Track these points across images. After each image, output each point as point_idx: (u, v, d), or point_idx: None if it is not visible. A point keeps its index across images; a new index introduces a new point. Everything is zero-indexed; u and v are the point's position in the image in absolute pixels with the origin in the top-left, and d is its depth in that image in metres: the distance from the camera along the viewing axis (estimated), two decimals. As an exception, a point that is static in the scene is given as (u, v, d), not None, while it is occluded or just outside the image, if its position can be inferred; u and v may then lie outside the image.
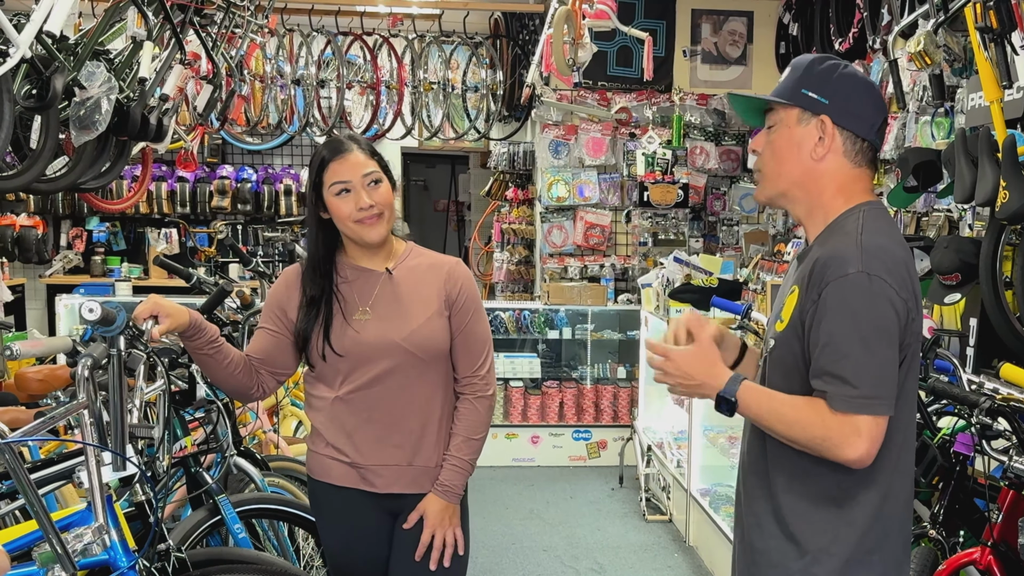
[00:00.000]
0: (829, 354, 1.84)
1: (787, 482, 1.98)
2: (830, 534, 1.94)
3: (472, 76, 8.16)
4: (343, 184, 2.53)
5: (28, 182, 3.56)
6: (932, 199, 4.55)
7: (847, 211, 1.97)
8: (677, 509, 5.82)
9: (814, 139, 1.96)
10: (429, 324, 2.58)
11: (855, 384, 1.81)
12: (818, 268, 1.88)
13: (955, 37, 3.85)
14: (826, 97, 1.95)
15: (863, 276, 1.82)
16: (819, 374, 1.86)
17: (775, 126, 2.02)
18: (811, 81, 1.97)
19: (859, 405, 1.82)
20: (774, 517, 2.00)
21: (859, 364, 1.82)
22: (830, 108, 1.95)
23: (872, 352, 1.82)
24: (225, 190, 8.87)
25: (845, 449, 1.83)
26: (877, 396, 1.82)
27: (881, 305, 1.82)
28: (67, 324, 7.07)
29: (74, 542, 2.05)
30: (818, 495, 1.94)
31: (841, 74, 1.97)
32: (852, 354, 1.82)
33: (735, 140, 7.64)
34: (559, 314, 7.56)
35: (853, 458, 1.83)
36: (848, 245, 1.87)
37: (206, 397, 3.22)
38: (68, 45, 3.67)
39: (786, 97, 1.99)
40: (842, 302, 1.83)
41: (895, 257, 1.87)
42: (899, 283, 1.84)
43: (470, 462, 2.64)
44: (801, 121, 1.98)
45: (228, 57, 5.86)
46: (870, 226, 1.91)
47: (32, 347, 2.67)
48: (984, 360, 3.60)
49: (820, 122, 1.96)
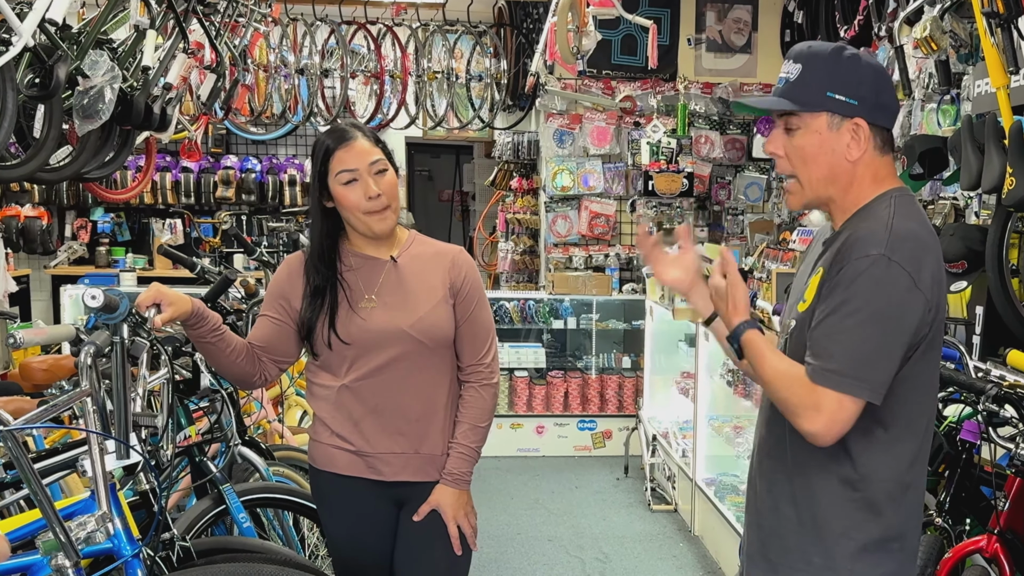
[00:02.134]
0: (824, 327, 1.84)
1: (806, 466, 1.96)
2: (849, 519, 1.93)
3: (476, 65, 8.13)
4: (350, 173, 2.52)
5: (32, 171, 3.56)
6: (938, 186, 4.53)
7: (878, 196, 1.94)
8: (682, 499, 5.81)
9: (847, 141, 1.90)
10: (435, 311, 2.58)
11: (834, 359, 1.81)
12: (845, 247, 1.86)
13: (961, 23, 3.83)
14: (855, 98, 1.88)
15: (883, 260, 1.80)
16: (811, 341, 1.86)
17: (800, 130, 1.93)
18: (835, 82, 1.88)
19: (827, 379, 1.80)
20: (792, 501, 1.99)
21: (846, 342, 1.80)
22: (861, 109, 1.89)
23: (865, 335, 1.80)
24: (229, 180, 8.86)
25: (802, 419, 1.83)
26: (854, 377, 1.80)
27: (891, 292, 1.80)
28: (72, 314, 7.07)
29: (77, 530, 2.05)
30: (839, 480, 1.93)
31: (865, 67, 1.90)
32: (843, 331, 1.81)
33: (740, 129, 7.61)
34: (564, 304, 7.55)
35: (808, 430, 1.83)
36: (878, 228, 1.85)
37: (210, 386, 3.21)
38: (71, 34, 3.66)
39: (812, 104, 1.90)
40: (855, 280, 1.81)
41: (924, 244, 1.84)
42: (920, 272, 1.81)
43: (476, 449, 2.65)
44: (831, 126, 1.90)
45: (232, 46, 5.86)
46: (902, 211, 1.88)
47: (35, 335, 2.66)
48: (991, 348, 3.59)
49: (855, 125, 1.89)
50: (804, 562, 1.97)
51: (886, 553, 1.94)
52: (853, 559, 1.93)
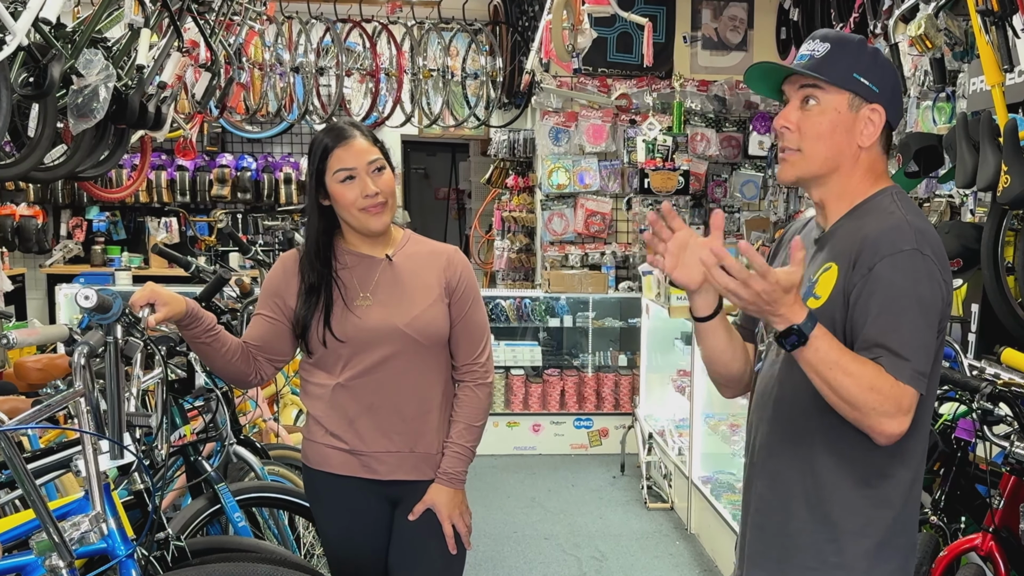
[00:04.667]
0: (881, 325, 1.81)
1: (818, 464, 1.94)
2: (864, 516, 1.92)
3: (472, 63, 8.12)
4: (348, 171, 2.52)
5: (26, 170, 3.55)
6: (933, 184, 4.53)
7: (878, 192, 1.96)
8: (678, 497, 5.82)
9: (863, 126, 1.93)
10: (431, 310, 2.59)
11: (907, 357, 1.78)
12: (869, 244, 1.85)
13: (956, 21, 3.82)
14: (877, 86, 1.92)
15: (917, 254, 1.82)
16: (868, 345, 1.81)
17: (818, 105, 1.93)
18: (861, 66, 1.92)
19: (910, 377, 1.78)
20: (805, 499, 1.96)
21: (910, 337, 1.80)
22: (881, 97, 1.92)
23: (919, 328, 1.81)
24: (225, 179, 8.84)
25: (890, 420, 1.77)
26: (923, 372, 1.80)
27: (931, 284, 1.82)
28: (67, 314, 7.06)
29: (71, 530, 2.04)
30: (856, 477, 1.92)
31: (884, 60, 1.96)
32: (903, 327, 1.80)
33: (736, 127, 7.61)
34: (560, 302, 7.55)
35: (895, 432, 1.78)
36: (899, 223, 1.86)
37: (205, 386, 3.21)
38: (65, 33, 3.65)
39: (839, 81, 1.92)
40: (896, 276, 1.81)
41: (937, 240, 1.88)
42: (944, 267, 1.85)
43: (471, 449, 2.65)
44: (852, 107, 1.92)
45: (226, 45, 5.85)
46: (911, 209, 1.91)
47: (28, 335, 2.65)
48: (986, 346, 3.60)
49: (873, 111, 1.92)
50: (818, 561, 1.95)
51: (896, 549, 1.94)
52: (868, 557, 1.92)
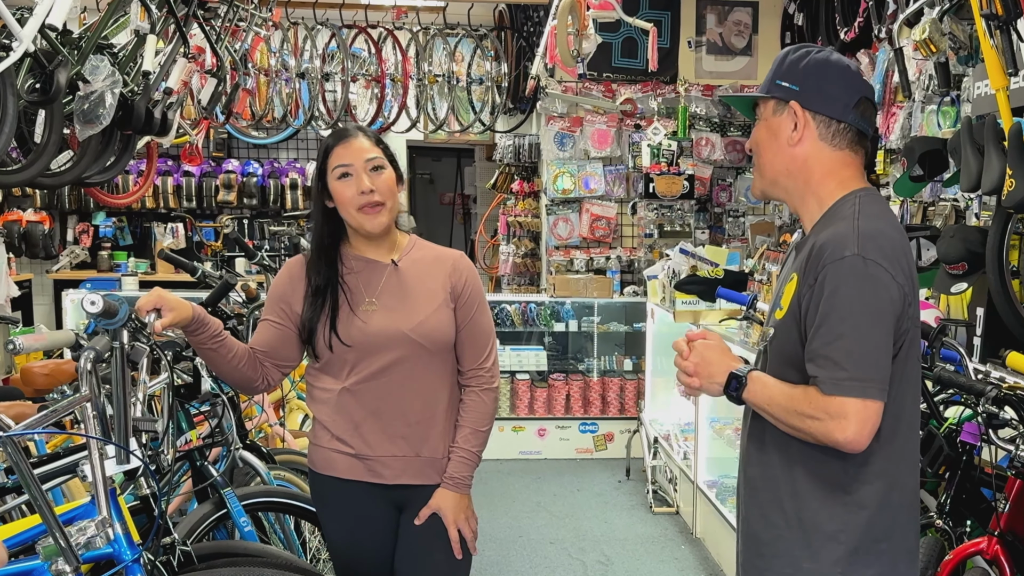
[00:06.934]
0: (822, 336, 1.85)
1: (792, 471, 1.97)
2: (837, 522, 1.93)
3: (477, 68, 8.14)
4: (345, 167, 2.54)
5: (33, 176, 3.57)
6: (938, 188, 4.53)
7: (843, 197, 1.98)
8: (684, 501, 5.81)
9: (789, 127, 2.00)
10: (436, 315, 2.59)
11: (845, 366, 1.81)
12: (815, 252, 1.88)
13: (960, 25, 3.83)
14: (796, 84, 2.00)
15: (859, 259, 1.83)
16: (812, 357, 1.87)
17: (760, 119, 2.08)
18: (784, 71, 2.02)
19: (847, 388, 1.81)
20: (779, 507, 1.99)
21: (850, 347, 1.82)
22: (800, 94, 1.99)
23: (864, 336, 1.82)
24: (231, 184, 8.88)
25: (834, 432, 1.82)
26: (867, 379, 1.81)
27: (875, 289, 1.83)
28: (74, 319, 7.08)
29: (77, 535, 2.05)
30: (825, 483, 1.93)
31: (812, 59, 2.01)
32: (844, 336, 1.82)
33: (740, 131, 7.61)
34: (565, 307, 7.55)
35: (841, 440, 1.82)
36: (845, 229, 1.88)
37: (211, 391, 3.22)
38: (72, 39, 3.67)
39: (763, 91, 2.05)
40: (837, 285, 1.83)
41: (892, 241, 1.88)
42: (895, 267, 1.85)
43: (477, 453, 2.65)
44: (776, 111, 2.03)
45: (232, 51, 5.87)
46: (867, 211, 1.92)
47: (35, 341, 2.66)
48: (991, 349, 3.59)
49: (790, 109, 2.00)
50: (792, 567, 1.97)
51: (875, 555, 1.94)
52: (843, 563, 1.93)
